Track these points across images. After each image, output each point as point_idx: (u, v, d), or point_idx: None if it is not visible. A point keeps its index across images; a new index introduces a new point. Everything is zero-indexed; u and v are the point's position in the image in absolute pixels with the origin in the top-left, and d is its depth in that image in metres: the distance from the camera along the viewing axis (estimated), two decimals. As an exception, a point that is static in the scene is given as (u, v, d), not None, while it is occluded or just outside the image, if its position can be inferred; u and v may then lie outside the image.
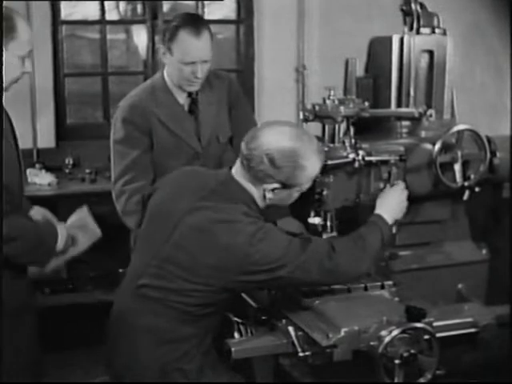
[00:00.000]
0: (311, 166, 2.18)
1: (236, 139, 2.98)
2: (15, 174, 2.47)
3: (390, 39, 2.78)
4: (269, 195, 2.22)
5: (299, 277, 2.16)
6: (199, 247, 2.17)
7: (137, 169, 2.82)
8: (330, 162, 2.42)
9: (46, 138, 4.54)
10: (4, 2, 2.37)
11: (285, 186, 2.20)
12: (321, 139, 2.52)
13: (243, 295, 2.45)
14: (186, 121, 2.93)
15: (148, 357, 2.24)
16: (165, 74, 2.91)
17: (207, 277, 2.16)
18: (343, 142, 2.48)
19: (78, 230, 2.60)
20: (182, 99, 2.92)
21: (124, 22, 5.23)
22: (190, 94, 2.92)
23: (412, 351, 2.09)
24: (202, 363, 2.27)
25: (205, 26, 2.78)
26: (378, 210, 2.36)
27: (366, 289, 2.41)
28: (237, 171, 2.25)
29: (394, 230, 2.42)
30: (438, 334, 2.16)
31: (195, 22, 2.78)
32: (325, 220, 2.55)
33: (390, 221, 2.34)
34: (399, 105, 2.79)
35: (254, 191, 2.24)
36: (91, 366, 3.23)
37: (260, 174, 2.18)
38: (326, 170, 2.44)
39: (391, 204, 2.39)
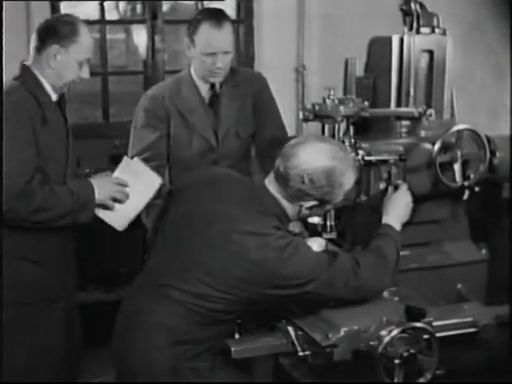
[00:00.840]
0: (348, 181, 2.23)
1: (258, 137, 3.09)
2: (55, 159, 2.63)
3: (389, 39, 2.78)
4: (305, 212, 2.26)
5: (325, 292, 2.18)
6: (229, 257, 2.16)
7: (154, 150, 2.93)
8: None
9: (46, 137, 4.53)
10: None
11: (322, 202, 2.23)
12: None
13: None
14: (203, 113, 3.00)
15: (160, 355, 2.23)
16: (191, 67, 3.03)
17: (234, 287, 2.16)
18: (343, 142, 2.48)
19: (131, 178, 2.65)
20: (205, 92, 3.03)
21: (124, 22, 5.24)
22: (212, 87, 3.01)
23: (412, 351, 2.09)
24: (213, 363, 2.28)
25: (226, 19, 2.92)
26: (387, 218, 2.39)
27: (365, 289, 2.41)
28: (270, 183, 2.26)
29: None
30: (438, 334, 2.16)
31: (217, 14, 2.92)
32: (325, 220, 2.55)
33: (399, 228, 2.38)
34: (399, 104, 2.79)
35: (288, 206, 2.26)
36: (92, 366, 3.23)
37: (299, 193, 2.20)
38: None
39: (398, 210, 2.42)
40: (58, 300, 2.68)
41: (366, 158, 2.46)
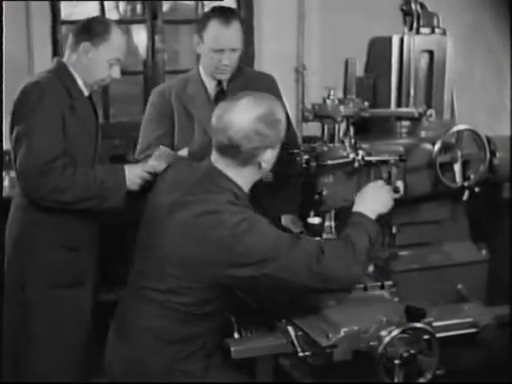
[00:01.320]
0: (281, 115, 2.25)
1: None
2: (82, 149, 2.78)
3: (389, 39, 2.78)
4: (264, 164, 2.24)
5: (287, 277, 2.12)
6: (187, 242, 2.17)
7: (158, 145, 2.92)
8: (329, 162, 2.42)
9: (46, 137, 4.53)
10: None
11: (274, 148, 2.24)
12: (321, 139, 2.52)
13: (242, 295, 2.44)
14: (208, 109, 2.97)
15: (152, 358, 2.23)
16: (199, 64, 3.09)
17: (197, 272, 2.15)
18: (343, 142, 2.48)
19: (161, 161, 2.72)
20: (212, 89, 3.08)
21: (124, 22, 5.23)
22: (219, 84, 3.06)
23: (412, 351, 2.09)
24: (207, 363, 2.27)
25: (235, 17, 2.99)
26: (358, 207, 2.31)
27: (365, 289, 2.41)
28: (217, 161, 2.26)
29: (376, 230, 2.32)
30: (438, 334, 2.16)
31: (226, 12, 3.00)
32: (324, 220, 2.54)
33: (372, 216, 2.29)
34: (399, 105, 2.79)
35: (239, 178, 2.24)
36: (92, 366, 3.23)
37: (253, 152, 2.19)
38: (325, 169, 2.45)
39: (370, 199, 2.34)
40: (86, 282, 2.87)
41: (366, 158, 2.45)
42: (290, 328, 2.22)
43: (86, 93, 2.88)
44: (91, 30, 2.77)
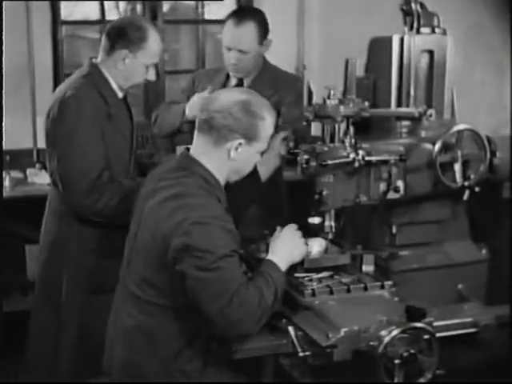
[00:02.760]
0: (268, 115, 2.28)
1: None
2: (119, 155, 2.83)
3: (390, 39, 2.78)
4: (233, 154, 2.24)
5: (199, 290, 2.09)
6: (150, 227, 2.19)
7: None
8: (329, 162, 2.42)
9: (47, 137, 4.53)
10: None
11: (248, 138, 2.23)
12: (320, 139, 2.52)
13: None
14: None
15: (147, 360, 2.24)
16: None
17: (158, 257, 2.16)
18: (343, 142, 2.48)
19: None
20: (233, 84, 3.22)
21: (124, 22, 5.22)
22: (241, 80, 3.19)
23: (412, 351, 2.09)
24: (203, 363, 2.27)
25: (249, 19, 3.08)
26: (272, 256, 2.27)
27: (365, 289, 2.41)
28: (193, 147, 2.30)
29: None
30: (438, 334, 2.16)
31: (240, 13, 3.15)
32: (324, 220, 2.54)
33: (284, 266, 2.25)
34: (399, 105, 2.79)
35: (210, 164, 2.25)
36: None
37: (223, 131, 2.21)
38: (325, 169, 2.45)
39: (284, 248, 2.30)
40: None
41: (367, 158, 2.45)
42: (290, 328, 2.23)
43: (120, 95, 2.88)
44: (127, 37, 2.75)
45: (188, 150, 2.33)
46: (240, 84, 3.21)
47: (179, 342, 2.23)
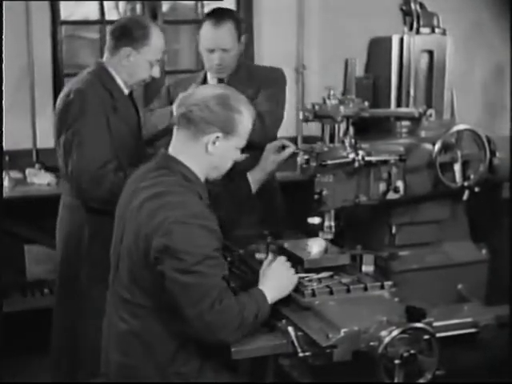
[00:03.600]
0: (246, 109, 2.28)
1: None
2: (126, 147, 2.90)
3: (389, 39, 2.78)
4: (211, 148, 2.23)
5: (179, 294, 2.09)
6: (132, 228, 2.19)
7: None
8: (329, 162, 2.42)
9: (46, 138, 4.53)
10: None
11: (225, 132, 2.23)
12: (320, 139, 2.52)
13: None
14: None
15: (143, 364, 2.23)
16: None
17: (142, 258, 2.15)
18: (343, 142, 2.48)
19: None
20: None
21: (124, 22, 5.22)
22: (221, 81, 3.20)
23: (412, 351, 2.09)
24: (200, 365, 2.26)
25: (226, 18, 3.11)
26: (262, 286, 2.28)
27: (365, 289, 2.41)
28: (172, 145, 2.31)
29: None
30: (438, 334, 2.16)
31: (218, 13, 3.15)
32: (324, 220, 2.54)
33: (271, 298, 2.25)
34: (399, 105, 2.79)
35: (189, 161, 2.25)
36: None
37: (200, 124, 2.21)
38: (325, 169, 2.45)
39: (275, 284, 2.30)
40: None
41: (367, 158, 2.45)
42: (290, 328, 2.22)
43: (126, 91, 2.97)
44: (131, 35, 2.86)
45: (167, 149, 2.33)
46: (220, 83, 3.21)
47: (173, 344, 2.23)
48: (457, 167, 2.57)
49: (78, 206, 2.96)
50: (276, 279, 2.32)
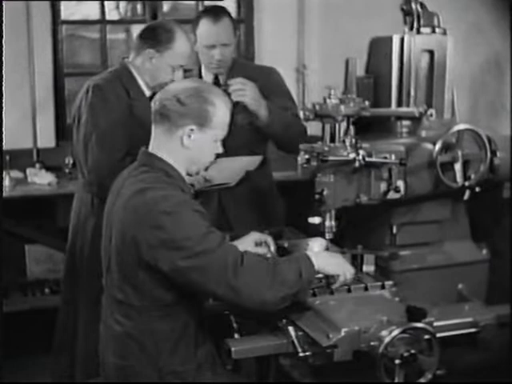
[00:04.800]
0: (220, 101, 2.25)
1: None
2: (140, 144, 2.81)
3: (390, 39, 2.78)
4: (186, 141, 2.22)
5: (197, 279, 2.08)
6: (119, 227, 2.19)
7: None
8: (331, 158, 2.42)
9: (46, 137, 4.54)
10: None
11: (200, 125, 2.22)
12: (321, 139, 2.52)
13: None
14: None
15: (137, 362, 2.23)
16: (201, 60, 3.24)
17: (130, 256, 2.15)
18: (343, 142, 2.48)
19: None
20: (209, 82, 3.17)
21: (124, 22, 5.23)
22: (216, 78, 3.21)
23: (412, 351, 2.08)
24: (198, 364, 2.26)
25: (224, 14, 3.13)
26: (311, 253, 2.26)
27: (366, 289, 2.40)
28: (151, 144, 2.30)
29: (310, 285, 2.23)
30: (439, 334, 2.16)
31: (214, 10, 3.16)
32: (325, 220, 2.54)
33: (316, 265, 2.19)
34: (399, 104, 2.79)
35: (168, 156, 2.25)
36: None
37: (173, 118, 2.21)
38: (326, 169, 2.45)
39: (327, 256, 2.31)
40: None
41: (367, 159, 2.45)
42: (290, 328, 2.22)
43: (148, 93, 2.98)
44: (156, 37, 2.89)
45: (147, 147, 2.33)
46: (216, 81, 3.20)
47: (168, 344, 2.22)
48: (457, 167, 2.57)
49: (86, 200, 3.04)
50: (330, 257, 2.30)
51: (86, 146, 2.88)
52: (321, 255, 2.29)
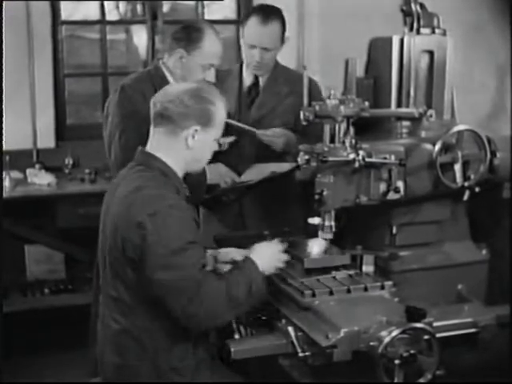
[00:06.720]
0: (217, 101, 2.28)
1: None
2: None
3: (390, 39, 2.78)
4: (190, 142, 2.24)
5: (157, 291, 2.11)
6: (112, 225, 2.20)
7: None
8: (330, 158, 2.42)
9: (46, 138, 4.54)
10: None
11: (202, 125, 2.23)
12: (321, 139, 2.52)
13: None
14: (236, 99, 3.24)
15: (135, 359, 2.23)
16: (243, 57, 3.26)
17: (120, 253, 2.16)
18: (343, 142, 2.48)
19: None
20: (249, 81, 3.27)
21: (124, 23, 5.24)
22: (256, 78, 3.24)
23: (412, 351, 2.09)
24: (197, 362, 2.26)
25: (274, 17, 3.11)
26: (253, 255, 2.29)
27: (365, 289, 2.41)
28: (150, 143, 2.30)
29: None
30: (438, 334, 2.16)
31: (266, 11, 3.14)
32: (324, 220, 2.54)
33: (260, 266, 2.25)
34: (399, 105, 2.79)
35: (168, 157, 2.26)
36: (92, 366, 3.24)
37: (177, 119, 2.22)
38: (326, 169, 2.45)
39: (265, 253, 2.33)
40: None
41: (367, 159, 2.45)
42: (290, 328, 2.22)
43: None
44: (186, 37, 2.92)
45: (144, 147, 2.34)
46: (255, 83, 3.24)
47: (166, 341, 2.22)
48: (457, 167, 2.57)
49: None
50: (265, 251, 2.34)
51: (110, 144, 2.94)
52: (259, 256, 2.30)
